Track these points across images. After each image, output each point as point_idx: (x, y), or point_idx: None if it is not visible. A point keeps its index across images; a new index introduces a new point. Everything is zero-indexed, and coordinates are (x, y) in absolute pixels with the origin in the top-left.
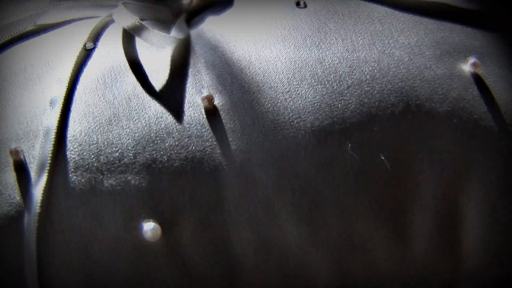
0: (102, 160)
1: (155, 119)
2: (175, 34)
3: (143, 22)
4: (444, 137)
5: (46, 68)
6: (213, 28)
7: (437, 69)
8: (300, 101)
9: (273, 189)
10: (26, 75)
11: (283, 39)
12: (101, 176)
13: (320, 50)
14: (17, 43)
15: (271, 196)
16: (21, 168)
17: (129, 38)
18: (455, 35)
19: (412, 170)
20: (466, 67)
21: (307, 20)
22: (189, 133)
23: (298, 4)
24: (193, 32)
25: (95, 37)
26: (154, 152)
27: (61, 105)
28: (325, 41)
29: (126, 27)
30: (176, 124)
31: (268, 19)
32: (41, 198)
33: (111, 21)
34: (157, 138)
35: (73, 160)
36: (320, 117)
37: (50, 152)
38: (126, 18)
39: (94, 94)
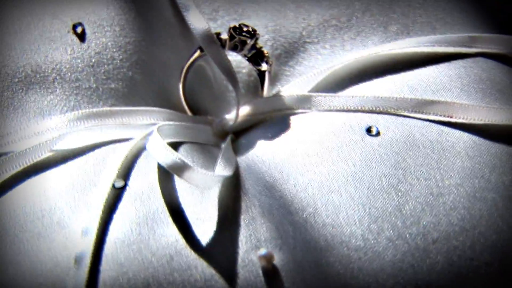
0: None
1: (202, 282)
2: (221, 170)
3: (183, 158)
4: None
5: (68, 212)
6: (267, 158)
7: None
8: (377, 261)
9: None
10: (44, 220)
11: (354, 178)
12: None
13: (399, 194)
14: (31, 177)
15: None
16: None
17: (166, 175)
18: None
19: None
20: None
21: (382, 153)
22: None
23: (369, 131)
24: (242, 162)
25: (126, 172)
26: None
27: (89, 265)
28: (405, 182)
29: (165, 165)
30: None
31: (333, 149)
32: None
33: (143, 148)
34: None
35: None
36: (401, 281)
37: None
38: (163, 152)
39: (128, 250)
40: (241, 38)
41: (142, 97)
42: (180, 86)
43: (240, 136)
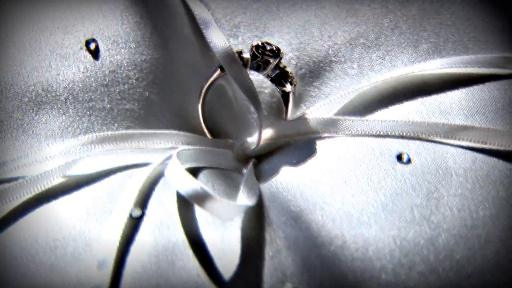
0: None
1: None
2: (244, 199)
3: (204, 187)
4: None
5: (82, 243)
6: (291, 186)
7: None
8: None
9: None
10: (57, 252)
11: (384, 208)
12: None
13: (432, 226)
14: (43, 204)
15: None
16: None
17: (186, 203)
18: None
19: None
20: None
21: (413, 182)
22: None
23: (400, 158)
24: (265, 189)
25: (143, 200)
26: None
27: None
28: (437, 213)
29: (185, 194)
30: None
31: (362, 177)
32: None
33: (162, 174)
34: None
35: None
36: None
37: None
38: (183, 181)
39: (147, 284)
40: (265, 58)
41: (159, 119)
42: (199, 107)
43: (262, 161)
